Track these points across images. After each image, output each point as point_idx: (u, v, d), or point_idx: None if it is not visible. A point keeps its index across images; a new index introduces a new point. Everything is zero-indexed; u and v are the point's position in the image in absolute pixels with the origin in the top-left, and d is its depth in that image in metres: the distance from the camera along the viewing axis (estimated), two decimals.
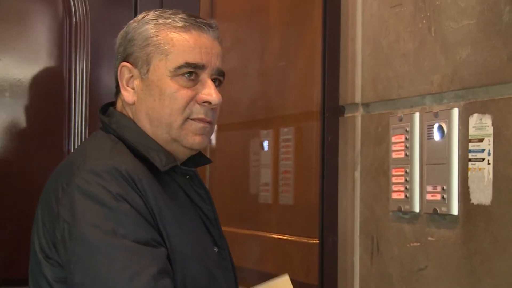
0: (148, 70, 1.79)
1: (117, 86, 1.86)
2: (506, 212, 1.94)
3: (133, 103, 1.81)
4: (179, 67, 1.78)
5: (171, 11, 1.83)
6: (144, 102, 1.80)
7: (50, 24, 2.58)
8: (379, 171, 2.45)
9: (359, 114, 2.57)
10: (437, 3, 2.21)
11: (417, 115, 2.28)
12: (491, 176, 1.98)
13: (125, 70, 1.81)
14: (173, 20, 1.80)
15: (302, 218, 3.01)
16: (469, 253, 2.06)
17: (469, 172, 2.06)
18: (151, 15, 1.83)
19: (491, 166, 1.98)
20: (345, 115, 2.64)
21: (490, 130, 1.99)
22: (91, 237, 1.61)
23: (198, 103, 1.79)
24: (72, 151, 2.58)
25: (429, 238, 2.21)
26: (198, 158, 1.90)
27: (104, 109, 1.88)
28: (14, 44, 2.54)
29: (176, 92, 1.78)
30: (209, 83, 1.80)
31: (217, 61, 1.82)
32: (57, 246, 1.67)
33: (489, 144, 1.99)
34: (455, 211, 2.10)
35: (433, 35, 2.22)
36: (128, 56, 1.81)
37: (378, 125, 2.47)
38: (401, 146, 2.33)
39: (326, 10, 2.67)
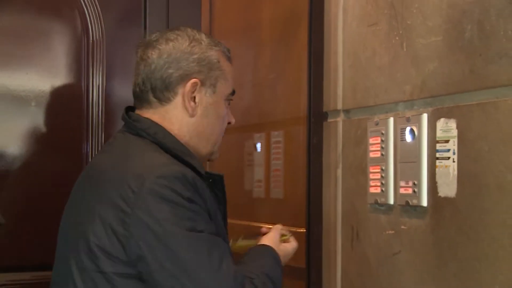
0: (214, 92, 1.80)
1: (152, 92, 1.79)
2: (469, 204, 1.95)
3: (193, 116, 1.80)
4: (231, 94, 1.85)
5: (214, 38, 1.85)
6: (202, 118, 1.80)
7: (70, 42, 2.59)
8: (358, 169, 2.45)
9: (340, 119, 2.57)
10: (408, 22, 2.21)
11: (391, 120, 2.28)
12: (455, 172, 1.99)
13: (194, 85, 1.78)
14: (225, 49, 1.84)
15: (291, 210, 2.99)
16: (437, 240, 2.07)
17: (436, 169, 2.07)
18: (207, 39, 1.82)
19: (455, 164, 1.99)
20: (328, 120, 2.63)
21: (454, 132, 2.00)
22: (176, 234, 1.59)
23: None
24: (90, 154, 2.58)
25: (402, 227, 2.21)
26: None
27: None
28: (38, 60, 2.55)
29: (225, 115, 1.85)
30: (228, 107, 1.87)
31: None
32: (126, 243, 1.60)
33: (454, 145, 2.00)
34: (424, 203, 2.11)
35: (405, 50, 2.23)
36: (195, 73, 1.78)
37: (357, 129, 2.47)
38: (377, 147, 2.33)
39: (311, 28, 2.67)
